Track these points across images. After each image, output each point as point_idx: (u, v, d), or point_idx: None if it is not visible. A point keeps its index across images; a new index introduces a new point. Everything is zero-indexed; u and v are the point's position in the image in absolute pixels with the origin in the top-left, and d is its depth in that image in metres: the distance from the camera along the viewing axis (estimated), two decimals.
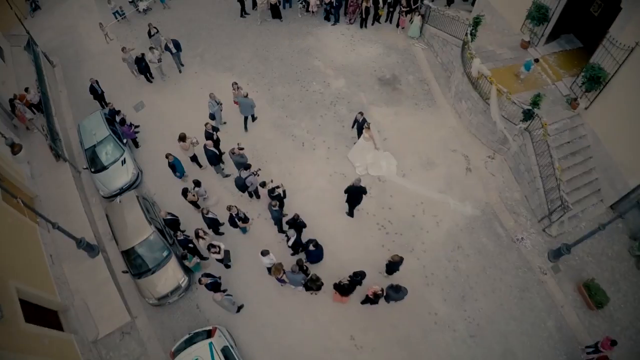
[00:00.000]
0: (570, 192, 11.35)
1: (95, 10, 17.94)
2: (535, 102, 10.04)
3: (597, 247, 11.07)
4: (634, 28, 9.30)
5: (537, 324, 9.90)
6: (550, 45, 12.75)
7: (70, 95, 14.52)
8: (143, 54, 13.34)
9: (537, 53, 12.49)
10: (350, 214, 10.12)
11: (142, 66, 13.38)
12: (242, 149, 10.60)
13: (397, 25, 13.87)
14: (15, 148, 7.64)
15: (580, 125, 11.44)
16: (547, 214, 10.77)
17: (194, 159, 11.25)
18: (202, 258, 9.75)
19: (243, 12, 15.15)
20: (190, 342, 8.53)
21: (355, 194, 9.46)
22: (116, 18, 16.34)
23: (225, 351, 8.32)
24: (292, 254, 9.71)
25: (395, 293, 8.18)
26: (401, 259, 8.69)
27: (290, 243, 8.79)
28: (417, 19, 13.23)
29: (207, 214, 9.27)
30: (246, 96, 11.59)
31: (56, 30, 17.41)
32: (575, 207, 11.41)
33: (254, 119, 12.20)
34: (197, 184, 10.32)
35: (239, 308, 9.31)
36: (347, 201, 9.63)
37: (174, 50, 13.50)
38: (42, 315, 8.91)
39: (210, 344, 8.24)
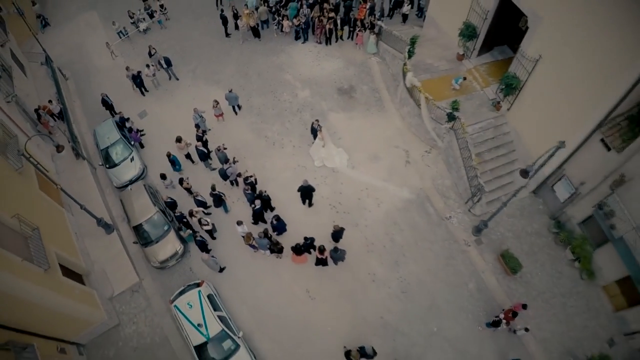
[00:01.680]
0: (494, 179, 14.76)
1: (100, 28, 21.65)
2: (454, 107, 13.53)
3: (518, 225, 14.45)
4: (537, 44, 12.63)
5: (460, 285, 13.23)
6: (483, 56, 16.12)
7: (83, 105, 18.15)
8: (139, 72, 16.92)
9: (470, 64, 15.97)
10: (303, 202, 13.61)
11: (137, 82, 16.99)
12: (225, 148, 14.31)
13: (357, 43, 17.53)
14: (59, 148, 11.20)
15: (504, 124, 14.85)
16: (471, 197, 14.24)
17: (188, 156, 14.93)
18: (194, 232, 13.40)
19: (226, 33, 18.85)
20: (184, 292, 12.18)
21: (305, 192, 13.04)
22: (120, 37, 20.10)
23: (210, 298, 11.88)
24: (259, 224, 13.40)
25: (335, 253, 11.73)
26: (342, 229, 12.22)
27: (254, 207, 12.51)
28: (372, 38, 16.88)
29: (196, 196, 12.96)
30: (230, 91, 15.42)
31: (66, 46, 21.08)
32: (498, 192, 14.85)
33: (239, 107, 15.98)
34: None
35: (222, 269, 12.88)
36: (301, 197, 13.22)
37: (164, 66, 17.15)
38: (72, 276, 12.64)
39: (199, 291, 11.82)
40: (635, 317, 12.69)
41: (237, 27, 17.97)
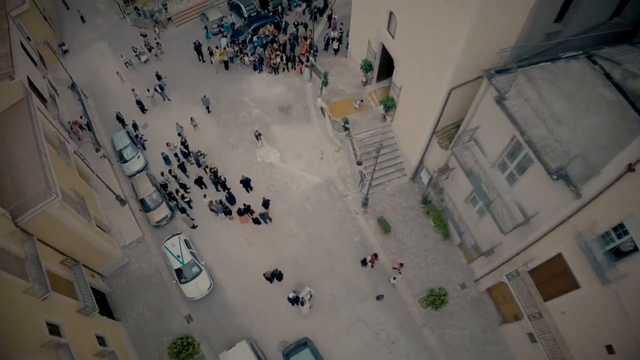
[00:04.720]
0: (380, 169, 24.52)
1: (110, 57, 32.13)
2: (345, 121, 23.26)
3: (397, 202, 24.03)
4: (400, 77, 21.68)
5: (348, 239, 22.68)
6: (382, 82, 25.43)
7: (101, 118, 28.69)
8: (140, 99, 27.33)
9: (370, 88, 25.58)
10: (247, 191, 23.48)
11: (140, 106, 27.39)
12: (199, 150, 24.54)
13: (297, 73, 27.54)
14: (97, 150, 21.65)
15: (389, 131, 24.51)
16: (360, 181, 23.98)
17: (175, 155, 25.13)
18: (177, 203, 23.56)
19: (201, 60, 29.10)
20: (170, 238, 22.33)
21: (245, 183, 22.89)
22: (127, 67, 30.67)
23: (186, 241, 21.86)
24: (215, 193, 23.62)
25: (262, 215, 21.76)
26: (268, 200, 22.06)
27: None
28: (307, 69, 26.87)
29: (179, 179, 23.21)
30: (204, 96, 25.53)
31: (83, 71, 31.31)
32: (383, 179, 24.51)
33: (209, 110, 26.12)
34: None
35: (194, 226, 23.02)
36: (243, 187, 23.08)
37: (159, 90, 27.68)
38: (101, 229, 23.05)
39: (179, 237, 21.78)
40: (478, 267, 22.11)
41: (211, 61, 28.38)
